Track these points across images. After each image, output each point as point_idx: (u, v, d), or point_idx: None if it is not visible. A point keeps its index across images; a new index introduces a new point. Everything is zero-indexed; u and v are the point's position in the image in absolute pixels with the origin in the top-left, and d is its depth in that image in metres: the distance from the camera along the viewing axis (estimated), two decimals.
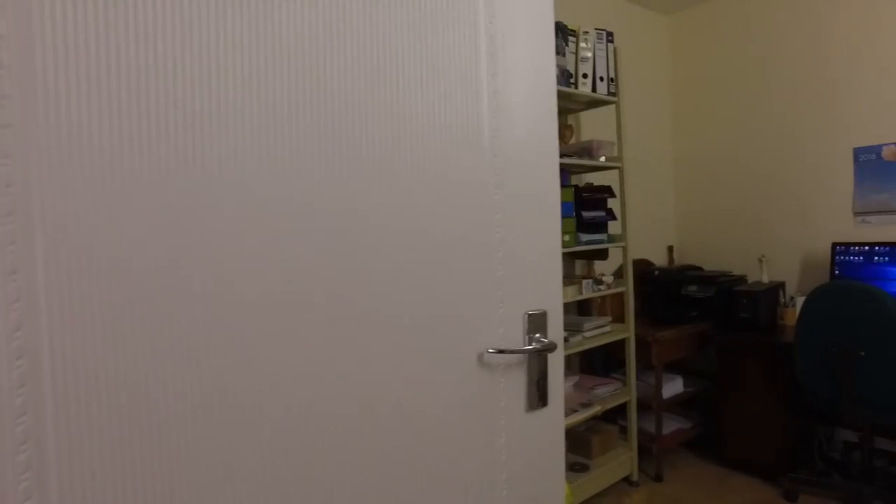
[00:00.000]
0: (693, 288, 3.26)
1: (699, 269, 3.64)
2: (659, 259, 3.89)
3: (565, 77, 2.69)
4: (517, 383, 0.95)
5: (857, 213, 3.21)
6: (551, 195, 1.00)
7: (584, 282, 2.73)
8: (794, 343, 2.66)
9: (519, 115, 0.98)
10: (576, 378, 2.84)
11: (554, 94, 1.05)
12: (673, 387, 3.19)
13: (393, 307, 0.83)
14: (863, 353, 2.42)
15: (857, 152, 3.19)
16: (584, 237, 2.76)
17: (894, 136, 3.08)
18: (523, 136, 0.98)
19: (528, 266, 0.97)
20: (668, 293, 3.37)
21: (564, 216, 2.57)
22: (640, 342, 3.01)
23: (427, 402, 0.87)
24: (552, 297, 1.00)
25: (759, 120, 3.60)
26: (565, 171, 2.58)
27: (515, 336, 0.96)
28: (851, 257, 3.03)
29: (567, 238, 2.58)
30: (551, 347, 0.95)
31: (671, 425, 3.25)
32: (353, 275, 0.80)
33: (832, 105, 3.29)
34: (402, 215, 0.85)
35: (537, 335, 0.96)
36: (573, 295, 2.66)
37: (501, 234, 0.94)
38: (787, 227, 3.51)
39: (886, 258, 2.91)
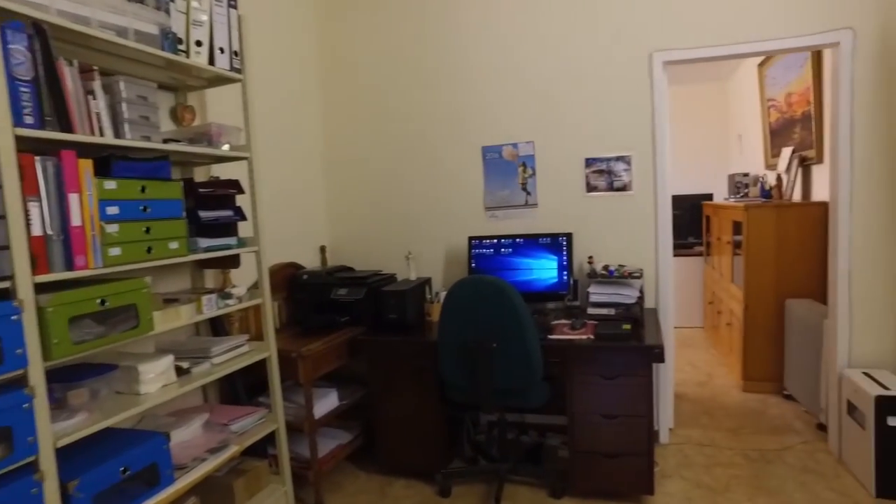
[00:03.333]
0: (343, 291, 3.03)
1: (350, 269, 3.45)
2: (311, 261, 3.58)
3: (170, 41, 2.10)
4: None
5: (487, 208, 3.41)
6: None
7: (207, 297, 2.20)
8: (438, 340, 2.62)
9: None
10: (205, 416, 2.29)
11: None
12: (327, 402, 2.90)
13: None
14: (496, 345, 2.46)
15: (485, 151, 3.38)
16: (205, 242, 2.23)
17: (512, 136, 3.34)
18: None
19: None
20: (318, 299, 3.07)
21: (170, 218, 2.00)
22: (286, 359, 2.63)
23: None
24: None
25: (404, 117, 3.57)
26: (167, 162, 2.01)
27: None
28: (484, 250, 3.18)
29: (176, 245, 2.02)
30: None
31: (329, 444, 2.97)
32: None
33: (465, 105, 3.42)
34: None
35: None
36: (189, 316, 2.10)
37: None
38: (432, 222, 3.56)
39: (510, 249, 3.12)
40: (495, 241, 3.16)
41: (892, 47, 2.75)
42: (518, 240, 3.13)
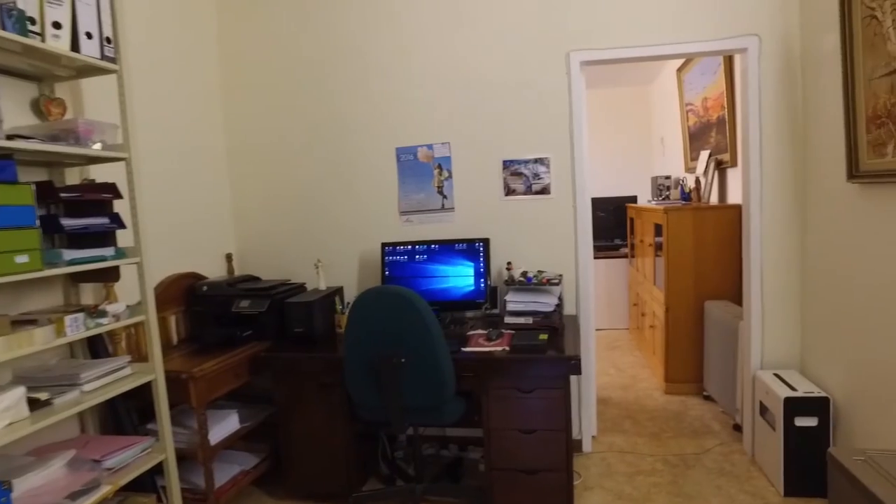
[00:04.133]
0: (245, 304, 2.79)
1: (257, 279, 3.21)
2: (216, 270, 3.31)
3: (16, 19, 1.82)
4: None
5: (402, 213, 3.24)
6: None
7: (72, 317, 1.93)
8: (343, 356, 2.43)
9: None
10: (71, 453, 2.01)
11: None
12: (227, 425, 2.66)
13: None
14: (403, 360, 2.30)
15: (399, 152, 3.21)
16: (70, 255, 1.96)
17: (427, 137, 3.19)
18: None
19: None
20: (218, 312, 2.82)
21: (16, 226, 1.73)
22: (176, 381, 2.37)
23: None
24: None
25: (313, 115, 3.35)
26: (11, 161, 1.73)
27: None
28: (398, 257, 3.01)
29: (26, 259, 1.74)
30: None
31: (231, 469, 2.72)
32: None
33: (378, 104, 3.24)
34: None
35: None
36: (46, 340, 1.83)
37: None
38: (345, 228, 3.36)
39: (425, 256, 2.97)
40: (410, 247, 3.00)
41: (793, 55, 2.79)
42: (433, 246, 2.98)
